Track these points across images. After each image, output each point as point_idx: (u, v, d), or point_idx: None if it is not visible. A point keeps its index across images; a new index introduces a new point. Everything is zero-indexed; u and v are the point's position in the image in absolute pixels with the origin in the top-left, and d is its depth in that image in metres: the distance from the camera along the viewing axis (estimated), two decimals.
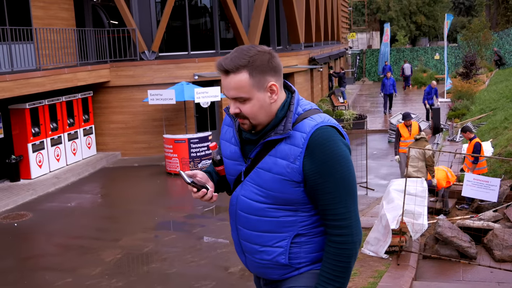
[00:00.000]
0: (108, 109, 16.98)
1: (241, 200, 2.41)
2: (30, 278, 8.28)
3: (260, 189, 2.33)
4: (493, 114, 17.33)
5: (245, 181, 2.39)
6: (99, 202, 12.90)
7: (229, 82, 2.25)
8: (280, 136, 2.26)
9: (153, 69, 16.69)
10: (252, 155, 2.36)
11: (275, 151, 2.29)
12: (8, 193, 12.75)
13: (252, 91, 2.24)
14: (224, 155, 2.52)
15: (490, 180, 7.21)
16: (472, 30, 34.06)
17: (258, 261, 2.43)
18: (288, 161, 2.25)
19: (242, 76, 2.22)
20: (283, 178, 2.26)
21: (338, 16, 36.31)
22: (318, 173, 2.19)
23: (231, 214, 2.52)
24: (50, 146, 14.62)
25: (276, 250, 2.36)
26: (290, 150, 2.25)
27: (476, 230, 7.67)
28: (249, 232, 2.41)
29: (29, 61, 14.16)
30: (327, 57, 26.32)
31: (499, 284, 6.25)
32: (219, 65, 2.26)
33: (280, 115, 2.31)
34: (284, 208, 2.32)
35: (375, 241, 6.99)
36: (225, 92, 2.29)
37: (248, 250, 2.46)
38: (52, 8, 15.72)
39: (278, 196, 2.30)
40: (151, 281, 7.95)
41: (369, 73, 40.87)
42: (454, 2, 70.17)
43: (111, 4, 17.82)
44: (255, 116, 2.29)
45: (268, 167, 2.29)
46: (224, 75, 2.26)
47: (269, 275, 2.46)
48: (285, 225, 2.33)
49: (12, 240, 10.12)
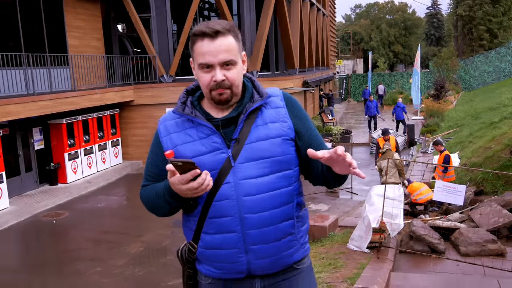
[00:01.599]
0: (132, 124, 17.07)
1: (243, 184, 1.94)
2: (67, 267, 8.34)
3: (263, 161, 1.95)
4: (460, 130, 17.39)
5: (237, 164, 1.94)
6: (125, 203, 12.96)
7: (219, 45, 1.88)
8: (262, 101, 1.99)
9: (170, 90, 16.79)
10: (235, 135, 1.96)
11: (261, 119, 1.99)
12: (48, 195, 12.83)
13: (237, 55, 1.94)
14: (195, 154, 1.96)
15: (457, 186, 7.28)
16: (442, 58, 34.18)
17: (271, 245, 2.00)
18: (279, 121, 2.00)
19: (230, 39, 1.91)
20: (283, 138, 1.99)
21: (327, 46, 36.46)
22: (303, 125, 2.06)
23: (229, 207, 1.96)
24: (83, 155, 14.70)
25: (289, 223, 2.02)
26: (276, 112, 2.02)
27: (445, 229, 7.72)
28: (261, 214, 1.96)
29: (65, 83, 14.26)
30: (318, 81, 26.43)
31: (464, 275, 6.29)
32: (207, 28, 1.88)
33: (249, 85, 2.05)
34: (287, 175, 2.00)
35: (358, 238, 7.04)
36: (211, 59, 1.89)
37: (257, 240, 1.98)
38: (86, 38, 15.86)
39: (281, 160, 1.98)
40: (168, 271, 7.99)
41: (354, 94, 40.97)
42: (426, 33, 70.39)
43: (135, 35, 17.98)
44: (237, 83, 1.95)
45: (264, 136, 1.96)
46: (210, 39, 1.88)
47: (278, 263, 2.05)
48: (290, 194, 2.01)
49: (52, 234, 10.21)
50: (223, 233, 1.98)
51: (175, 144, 2.01)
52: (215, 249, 2.01)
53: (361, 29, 70.14)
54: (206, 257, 2.05)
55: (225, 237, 1.98)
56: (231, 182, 1.95)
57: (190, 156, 1.96)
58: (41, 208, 11.78)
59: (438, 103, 24.85)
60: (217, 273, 2.06)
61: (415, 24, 71.75)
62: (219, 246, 1.99)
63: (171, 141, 2.02)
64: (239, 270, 2.02)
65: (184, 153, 1.97)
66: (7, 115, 11.19)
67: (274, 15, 20.72)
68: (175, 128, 2.04)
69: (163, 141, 2.05)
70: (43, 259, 8.78)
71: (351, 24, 77.99)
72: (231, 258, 2.00)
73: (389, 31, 68.87)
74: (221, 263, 2.02)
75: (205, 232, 2.02)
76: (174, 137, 2.02)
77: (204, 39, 1.89)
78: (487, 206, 8.36)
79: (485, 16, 42.81)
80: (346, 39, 67.95)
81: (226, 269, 2.03)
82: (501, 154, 10.68)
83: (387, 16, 73.40)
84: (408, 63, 71.24)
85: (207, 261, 2.06)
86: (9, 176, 12.18)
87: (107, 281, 7.67)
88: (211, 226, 1.99)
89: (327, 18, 36.40)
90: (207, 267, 2.08)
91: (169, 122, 2.07)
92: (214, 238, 2.00)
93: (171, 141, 2.02)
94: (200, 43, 1.91)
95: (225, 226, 1.97)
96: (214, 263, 2.04)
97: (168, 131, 2.05)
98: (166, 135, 2.05)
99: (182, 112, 2.02)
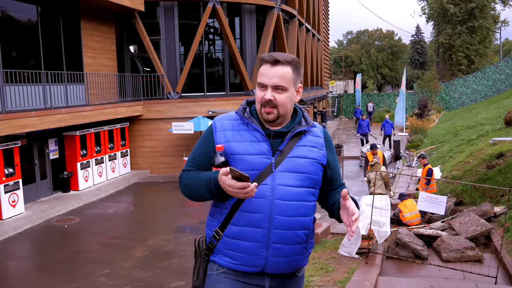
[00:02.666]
0: (140, 137, 17.02)
1: (278, 189, 2.07)
2: (77, 269, 8.23)
3: (299, 174, 2.10)
4: (441, 145, 17.36)
5: (277, 172, 2.08)
6: (132, 209, 12.85)
7: (276, 71, 2.07)
8: (307, 128, 2.18)
9: (177, 106, 16.78)
10: (281, 147, 2.11)
11: (304, 141, 2.16)
12: (60, 201, 12.71)
13: (290, 84, 2.10)
14: (245, 152, 2.09)
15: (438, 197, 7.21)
16: (425, 80, 34.30)
17: (289, 247, 2.10)
18: (317, 148, 2.18)
19: (288, 69, 2.09)
20: (316, 161, 2.15)
21: (321, 67, 36.59)
22: (333, 158, 2.25)
23: (263, 205, 2.06)
24: (95, 165, 14.61)
25: (306, 232, 2.14)
26: (317, 140, 2.20)
27: (428, 237, 7.65)
28: (288, 218, 2.07)
29: (80, 98, 14.24)
30: (312, 99, 26.46)
31: (446, 279, 6.20)
32: (270, 56, 2.09)
33: (300, 113, 2.24)
34: (312, 192, 2.16)
35: (348, 244, 6.95)
36: (267, 80, 2.08)
37: (280, 239, 2.07)
38: (100, 57, 15.87)
39: (312, 178, 2.13)
40: (171, 273, 7.89)
41: (345, 112, 41.03)
42: (411, 58, 70.79)
43: (145, 55, 18.00)
44: (285, 106, 2.11)
45: (304, 154, 2.12)
46: (271, 65, 2.08)
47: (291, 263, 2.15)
48: (311, 209, 2.16)
49: (63, 238, 10.08)
50: (252, 227, 2.07)
51: (227, 140, 2.12)
52: (240, 240, 2.08)
53: (352, 53, 70.51)
54: (229, 246, 2.11)
55: (253, 231, 2.07)
56: (268, 185, 2.07)
57: (239, 152, 2.09)
58: (54, 214, 11.66)
59: (422, 121, 24.87)
60: (233, 263, 2.11)
61: (401, 50, 72.16)
62: (245, 238, 2.08)
63: (225, 137, 2.14)
64: (257, 263, 2.09)
65: (234, 149, 2.10)
66: (26, 127, 11.14)
67: (273, 39, 20.79)
68: (231, 127, 2.16)
69: (217, 135, 2.16)
70: (54, 260, 8.66)
71: (343, 49, 78.44)
72: (253, 251, 2.07)
73: (378, 55, 69.22)
74: (242, 254, 2.09)
75: (234, 223, 2.09)
76: (229, 134, 2.14)
77: (266, 64, 2.10)
78: (466, 215, 8.29)
79: (463, 44, 43.18)
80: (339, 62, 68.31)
81: (244, 261, 2.09)
82: (478, 168, 10.63)
83: (375, 42, 73.85)
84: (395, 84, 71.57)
85: (227, 251, 2.12)
86: (25, 183, 12.09)
87: (114, 282, 7.55)
88: (242, 219, 2.08)
89: (321, 43, 36.59)
90: (224, 257, 2.14)
91: (226, 122, 2.19)
92: (242, 230, 2.08)
93: (225, 137, 2.14)
94: (263, 67, 2.11)
95: (255, 222, 2.07)
96: (234, 253, 2.10)
97: (224, 127, 2.17)
98: (221, 131, 2.16)
99: (243, 115, 2.17)
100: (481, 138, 14.64)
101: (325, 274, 6.00)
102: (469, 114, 25.67)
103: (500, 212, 8.53)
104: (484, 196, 9.61)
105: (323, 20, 38.13)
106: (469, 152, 12.45)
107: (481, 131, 16.18)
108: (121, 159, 16.19)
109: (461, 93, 36.04)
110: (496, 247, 7.29)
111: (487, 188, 9.38)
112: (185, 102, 16.87)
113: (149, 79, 17.41)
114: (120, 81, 16.36)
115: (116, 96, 16.02)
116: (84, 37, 14.98)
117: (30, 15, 12.98)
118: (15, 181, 11.23)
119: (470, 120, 21.38)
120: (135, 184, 15.67)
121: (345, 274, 5.91)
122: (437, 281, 6.05)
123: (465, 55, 43.54)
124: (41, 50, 13.13)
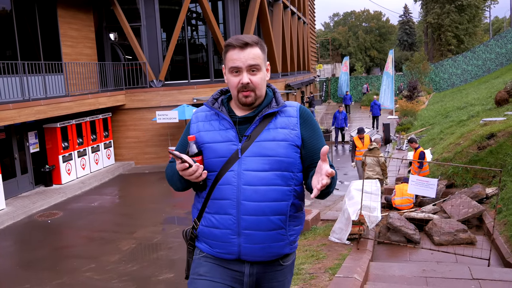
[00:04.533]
0: (124, 127, 16.86)
1: (245, 174, 2.10)
2: (62, 264, 8.16)
3: (266, 158, 2.10)
4: (432, 128, 17.48)
5: (244, 157, 2.11)
6: (117, 202, 12.77)
7: (248, 53, 2.10)
8: (277, 109, 2.17)
9: (160, 94, 16.63)
10: (248, 132, 2.14)
11: (274, 123, 2.16)
12: (43, 196, 12.58)
13: (262, 63, 2.15)
14: (212, 141, 2.17)
15: (429, 180, 7.25)
16: (414, 62, 34.43)
17: (262, 233, 2.12)
18: (288, 128, 2.16)
19: (257, 50, 2.14)
20: (288, 143, 2.14)
21: (308, 51, 36.50)
22: (311, 136, 2.20)
23: (230, 192, 2.12)
24: (77, 157, 14.47)
25: (281, 218, 2.14)
26: (288, 120, 2.18)
27: (419, 220, 7.71)
28: (256, 204, 2.09)
29: (59, 89, 14.04)
30: (299, 84, 26.40)
31: (438, 263, 6.26)
32: (237, 40, 2.11)
33: (270, 94, 2.24)
34: (285, 176, 2.13)
35: (339, 230, 6.98)
36: (240, 64, 2.10)
37: (251, 226, 2.11)
38: (79, 46, 15.63)
39: (283, 161, 2.12)
40: (160, 265, 7.88)
41: (333, 96, 41.09)
42: (400, 39, 70.94)
43: (126, 43, 17.77)
44: (260, 87, 2.14)
45: (271, 137, 2.13)
46: (240, 49, 2.10)
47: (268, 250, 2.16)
48: (285, 193, 2.14)
49: (46, 234, 9.99)
50: (221, 214, 2.15)
51: (199, 130, 2.23)
52: (212, 228, 2.17)
53: (339, 35, 70.41)
54: (205, 234, 2.21)
55: (222, 218, 2.15)
56: (235, 171, 2.12)
57: (207, 141, 2.18)
58: (36, 209, 11.54)
59: (411, 103, 24.98)
60: (211, 250, 2.21)
61: (389, 31, 72.24)
62: (216, 225, 2.16)
63: (197, 128, 2.25)
64: (231, 251, 2.16)
65: (204, 139, 2.20)
66: (4, 120, 10.96)
67: (258, 23, 20.63)
68: (203, 118, 2.26)
69: (192, 127, 2.28)
70: (38, 257, 8.58)
71: (330, 31, 78.28)
72: (224, 238, 2.15)
73: (365, 37, 69.22)
74: (215, 242, 2.18)
75: (207, 212, 2.20)
76: (200, 125, 2.25)
77: (235, 49, 2.12)
78: (458, 198, 8.36)
79: (452, 24, 43.27)
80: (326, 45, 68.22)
81: (219, 248, 2.18)
82: (469, 149, 10.71)
83: (363, 23, 73.79)
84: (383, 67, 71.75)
85: (204, 238, 2.23)
86: (5, 178, 11.93)
87: (101, 277, 7.51)
88: (213, 207, 2.17)
89: (307, 26, 36.43)
90: (204, 244, 2.24)
91: (200, 113, 2.30)
92: (213, 217, 2.17)
93: (197, 128, 2.25)
94: (231, 52, 2.13)
95: (224, 208, 2.14)
96: (210, 240, 2.20)
97: (198, 119, 2.28)
98: (195, 122, 2.28)
99: (211, 106, 2.24)
100: (471, 119, 14.75)
101: (316, 261, 6.02)
102: (459, 95, 25.86)
103: (492, 193, 8.63)
104: (476, 177, 9.71)
105: (308, 2, 37.94)
106: (460, 134, 12.55)
107: (472, 111, 16.31)
108: (105, 151, 16.05)
109: (451, 73, 36.25)
110: (488, 228, 7.37)
111: (478, 170, 9.47)
112: (169, 90, 16.73)
113: (130, 67, 17.21)
114: (100, 70, 16.15)
115: (97, 85, 15.82)
116: (62, 26, 14.72)
117: (4, 3, 12.69)
118: None
119: (460, 101, 21.53)
120: (120, 176, 15.57)
121: (336, 261, 5.94)
122: (430, 265, 6.11)
123: (454, 35, 43.70)
124: (17, 40, 12.88)
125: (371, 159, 9.87)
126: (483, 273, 5.42)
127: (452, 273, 5.52)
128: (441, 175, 10.44)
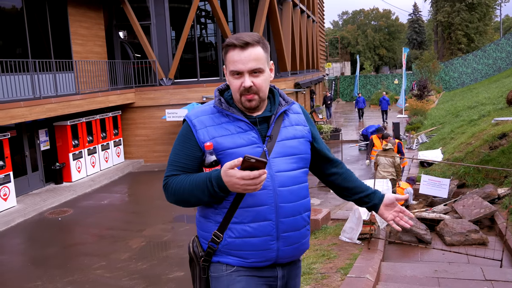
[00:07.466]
0: (133, 125, 16.93)
1: (278, 176, 2.00)
2: (72, 262, 8.21)
3: (292, 157, 2.05)
4: (442, 127, 17.36)
5: (271, 159, 2.00)
6: (127, 200, 12.83)
7: (249, 54, 1.94)
8: (288, 106, 2.12)
9: (170, 92, 16.66)
10: (269, 133, 2.03)
11: (287, 121, 2.10)
12: (53, 193, 12.67)
13: (265, 64, 2.00)
14: (234, 146, 1.98)
15: (441, 180, 7.21)
16: (423, 61, 34.23)
17: (297, 233, 2.07)
18: (301, 125, 2.14)
19: (259, 49, 1.97)
20: (305, 139, 2.12)
21: (317, 49, 36.41)
22: (315, 131, 2.22)
23: (266, 197, 1.98)
24: (87, 155, 14.54)
25: (308, 214, 2.14)
26: (298, 117, 2.16)
27: (431, 220, 7.66)
28: (292, 204, 2.04)
29: (70, 87, 14.12)
30: (308, 82, 26.35)
31: (450, 263, 6.22)
32: (237, 40, 1.95)
33: (276, 93, 2.15)
34: (306, 172, 2.14)
35: (350, 230, 6.95)
36: (241, 66, 1.94)
37: (289, 228, 2.04)
38: (89, 44, 15.70)
39: (304, 158, 2.10)
40: (169, 263, 7.89)
41: (342, 94, 40.98)
42: (409, 38, 70.51)
43: (135, 41, 17.83)
44: (264, 89, 2.01)
45: (292, 135, 2.07)
46: (240, 49, 1.94)
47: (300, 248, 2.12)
48: (307, 188, 2.14)
49: (57, 231, 10.06)
50: (259, 222, 1.98)
51: (212, 136, 2.00)
52: (248, 238, 1.99)
53: (348, 34, 70.19)
54: (236, 246, 2.01)
55: (260, 225, 1.98)
56: (267, 174, 1.96)
57: (229, 146, 1.98)
58: (46, 206, 11.62)
59: (421, 102, 24.84)
60: (244, 262, 2.02)
61: (398, 30, 71.90)
62: (252, 234, 1.99)
63: (208, 133, 2.01)
64: (269, 257, 2.02)
65: (224, 144, 1.98)
66: (15, 117, 11.04)
67: (267, 21, 20.61)
68: (211, 122, 2.03)
69: (199, 133, 2.02)
70: (48, 254, 8.63)
71: (338, 30, 78.05)
72: (263, 246, 2.00)
73: (374, 36, 68.95)
74: (251, 252, 2.00)
75: (237, 222, 1.99)
76: (211, 130, 2.01)
77: (236, 49, 1.95)
78: (469, 198, 8.29)
79: (462, 22, 42.99)
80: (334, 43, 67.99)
81: (256, 257, 2.01)
82: (481, 149, 10.63)
83: (372, 22, 73.51)
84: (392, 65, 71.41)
85: (234, 251, 2.02)
86: (16, 176, 12.01)
87: (111, 275, 7.54)
88: (246, 215, 1.98)
89: (316, 24, 36.33)
90: (232, 257, 2.03)
91: (204, 117, 2.06)
92: (249, 226, 1.98)
93: (208, 133, 2.01)
94: (231, 52, 1.96)
95: (262, 215, 1.98)
96: (243, 252, 2.01)
97: (204, 124, 2.03)
98: (202, 128, 2.02)
99: (221, 107, 2.04)
100: (482, 119, 14.63)
101: (327, 261, 6.00)
102: (469, 94, 25.65)
103: (504, 193, 8.54)
104: (487, 177, 9.62)
105: (317, 1, 37.82)
106: (471, 133, 12.45)
107: (483, 111, 16.17)
108: (114, 149, 16.11)
109: (461, 72, 35.99)
110: (500, 229, 7.30)
111: (490, 170, 9.39)
112: (178, 88, 16.76)
113: (140, 65, 17.27)
114: (110, 68, 16.22)
115: (107, 84, 15.88)
116: (72, 24, 14.79)
117: (15, 2, 12.78)
118: (5, 174, 11.16)
119: (471, 100, 21.36)
120: (130, 173, 15.62)
121: (347, 261, 5.91)
122: (441, 265, 6.07)
123: (464, 33, 43.40)
124: (28, 38, 12.96)
125: (386, 159, 9.78)
126: (495, 274, 5.37)
127: (465, 273, 5.47)
128: (452, 175, 10.36)
